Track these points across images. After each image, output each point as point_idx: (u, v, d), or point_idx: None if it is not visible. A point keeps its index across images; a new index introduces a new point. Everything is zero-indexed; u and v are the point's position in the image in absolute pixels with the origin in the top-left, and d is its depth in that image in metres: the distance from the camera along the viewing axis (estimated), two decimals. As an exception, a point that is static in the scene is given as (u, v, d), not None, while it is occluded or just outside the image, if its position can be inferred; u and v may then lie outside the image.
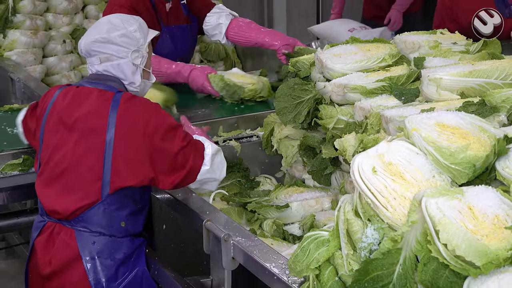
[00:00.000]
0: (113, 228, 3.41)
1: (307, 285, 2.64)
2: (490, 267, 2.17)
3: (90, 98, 3.42)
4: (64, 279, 3.43)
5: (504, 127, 2.85)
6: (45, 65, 6.41)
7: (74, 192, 3.38)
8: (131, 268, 3.47)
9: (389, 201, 2.52)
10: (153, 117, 3.32)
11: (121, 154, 3.30)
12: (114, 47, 3.43)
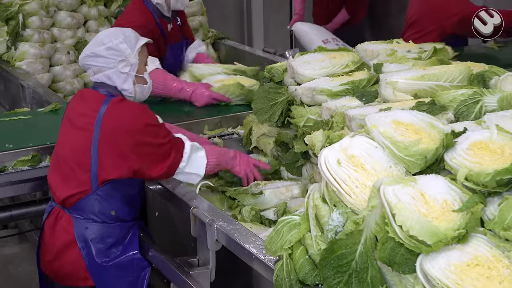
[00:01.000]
0: (104, 215, 3.41)
1: (281, 263, 2.63)
2: (440, 245, 2.18)
3: (88, 100, 3.46)
4: (63, 260, 3.45)
5: (451, 123, 2.86)
6: (51, 73, 6.38)
7: (69, 181, 3.41)
8: (123, 250, 3.46)
9: (352, 189, 2.53)
10: (137, 117, 3.33)
11: (105, 150, 3.30)
12: (102, 59, 3.42)
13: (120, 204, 3.45)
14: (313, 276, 2.55)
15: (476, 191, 2.36)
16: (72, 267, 3.44)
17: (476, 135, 2.58)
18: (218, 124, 4.35)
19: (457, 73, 3.38)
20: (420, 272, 2.20)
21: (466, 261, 2.17)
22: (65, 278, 3.51)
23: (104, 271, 3.42)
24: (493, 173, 2.33)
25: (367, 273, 2.36)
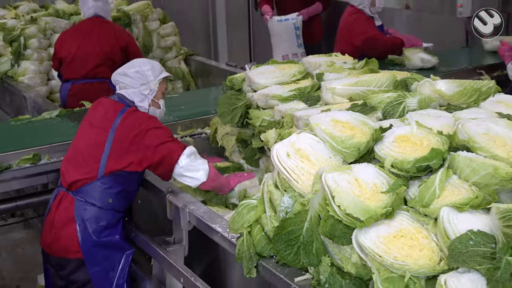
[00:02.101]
0: (102, 202, 3.39)
1: (242, 239, 2.64)
2: (371, 221, 2.20)
3: (109, 108, 3.51)
4: (61, 235, 3.44)
5: (380, 121, 2.88)
6: (49, 86, 6.36)
7: (80, 168, 3.43)
8: (111, 233, 3.44)
9: (299, 176, 2.54)
10: (144, 124, 3.38)
11: (116, 147, 3.36)
12: (129, 79, 3.54)
13: (118, 195, 3.43)
14: (268, 249, 2.56)
15: (400, 176, 2.39)
16: (67, 241, 3.42)
17: (400, 130, 2.61)
18: (189, 126, 4.34)
19: (384, 79, 3.41)
20: (356, 244, 2.21)
21: (392, 233, 2.19)
22: (59, 250, 3.49)
23: (93, 248, 3.40)
24: (414, 161, 2.36)
25: (312, 245, 2.38)
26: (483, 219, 2.11)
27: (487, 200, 2.18)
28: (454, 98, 3.17)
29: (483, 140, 2.46)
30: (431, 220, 2.22)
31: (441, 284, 1.95)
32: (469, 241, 2.00)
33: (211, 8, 9.79)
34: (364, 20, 5.66)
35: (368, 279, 2.25)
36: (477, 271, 1.95)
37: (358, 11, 5.78)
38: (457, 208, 2.16)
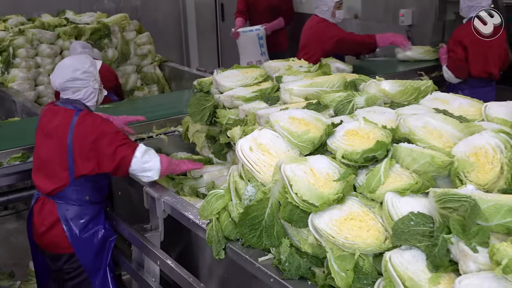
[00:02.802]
0: (80, 200, 3.36)
1: (211, 225, 2.63)
2: (325, 206, 2.21)
3: (60, 115, 3.35)
4: (51, 235, 3.40)
5: (332, 117, 2.89)
6: (36, 91, 6.26)
7: (52, 178, 3.34)
8: (96, 223, 3.41)
9: (261, 168, 2.54)
10: (99, 127, 3.24)
11: (77, 153, 3.24)
12: (80, 82, 3.37)
13: (92, 191, 3.39)
14: (235, 233, 2.55)
15: (349, 165, 2.40)
16: (58, 239, 3.38)
17: (349, 125, 2.62)
18: (163, 124, 4.30)
19: (336, 81, 3.42)
20: (311, 226, 2.23)
21: (343, 216, 2.20)
22: (52, 247, 3.46)
23: (81, 241, 3.37)
24: (362, 152, 2.38)
25: (273, 228, 2.39)
26: (422, 202, 2.13)
27: (426, 185, 2.21)
28: (397, 96, 3.19)
29: (421, 133, 2.49)
30: (377, 204, 2.24)
31: (386, 260, 1.96)
32: (410, 222, 2.03)
33: (182, 19, 9.74)
34: (333, 25, 5.67)
35: (323, 258, 2.26)
36: (418, 248, 1.98)
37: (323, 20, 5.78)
38: (400, 193, 2.18)
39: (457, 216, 1.89)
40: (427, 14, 6.27)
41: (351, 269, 2.08)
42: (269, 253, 2.45)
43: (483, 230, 1.84)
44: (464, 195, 1.94)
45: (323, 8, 5.70)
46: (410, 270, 1.90)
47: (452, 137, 2.46)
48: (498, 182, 2.14)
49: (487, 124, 2.65)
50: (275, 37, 7.03)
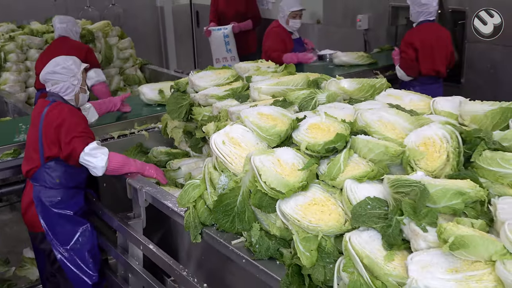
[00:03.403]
0: (51, 182, 3.35)
1: (189, 212, 2.62)
2: (290, 193, 2.21)
3: (38, 106, 3.42)
4: (28, 215, 3.45)
5: (296, 113, 2.89)
6: (27, 93, 6.18)
7: (29, 160, 3.40)
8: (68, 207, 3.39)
9: (233, 159, 2.54)
10: (63, 115, 3.27)
11: (45, 137, 3.29)
12: (58, 75, 3.38)
13: (64, 175, 3.36)
14: (210, 219, 2.54)
15: (312, 156, 2.40)
16: (33, 219, 3.40)
17: (312, 119, 2.63)
18: (144, 122, 4.25)
19: (300, 80, 3.42)
20: (279, 211, 2.23)
21: (307, 202, 2.21)
22: (31, 227, 3.49)
23: (52, 221, 3.36)
24: (323, 144, 2.38)
25: (245, 214, 2.38)
26: (378, 188, 2.15)
27: (381, 173, 2.23)
28: (355, 93, 3.21)
29: (377, 125, 2.50)
30: (338, 190, 2.25)
31: (346, 240, 1.97)
32: (367, 206, 2.04)
33: (161, 26, 9.68)
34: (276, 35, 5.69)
35: (289, 240, 2.27)
36: (374, 229, 1.99)
37: (279, 26, 5.79)
38: (357, 180, 2.20)
39: (408, 199, 1.90)
40: (381, 19, 6.30)
41: (315, 249, 2.08)
42: (241, 237, 2.44)
43: (431, 212, 1.87)
44: (415, 180, 1.97)
45: (280, 15, 5.73)
46: (367, 249, 1.91)
47: (404, 129, 2.48)
48: (445, 169, 2.17)
49: (435, 117, 2.68)
50: (245, 40, 7.04)
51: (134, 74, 6.73)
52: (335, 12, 6.83)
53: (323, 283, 2.05)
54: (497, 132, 2.34)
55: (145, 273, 3.15)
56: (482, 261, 1.70)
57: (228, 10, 7.10)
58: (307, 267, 2.07)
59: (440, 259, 1.74)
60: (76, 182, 3.45)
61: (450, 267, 1.72)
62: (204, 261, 2.85)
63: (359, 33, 6.51)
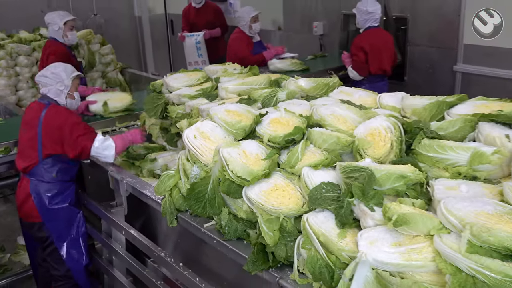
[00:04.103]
0: (48, 177, 3.29)
1: (165, 200, 2.59)
2: (255, 180, 2.21)
3: (34, 108, 3.33)
4: (25, 206, 3.35)
5: (259, 109, 2.88)
6: (17, 96, 6.02)
7: (25, 158, 3.30)
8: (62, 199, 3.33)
9: (204, 152, 2.52)
10: (63, 116, 3.22)
11: (45, 137, 3.21)
12: (47, 79, 3.32)
13: (60, 170, 3.30)
14: (184, 205, 2.52)
15: (274, 147, 2.40)
16: (30, 210, 3.32)
17: (273, 115, 2.62)
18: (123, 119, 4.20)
19: (262, 80, 3.41)
20: (245, 197, 2.22)
21: (270, 188, 2.20)
22: (26, 217, 3.40)
23: (48, 212, 3.29)
24: (283, 136, 2.38)
25: (215, 200, 2.37)
26: (331, 174, 2.15)
27: (334, 160, 2.23)
28: (311, 91, 3.22)
29: (330, 119, 2.51)
30: (296, 177, 2.25)
31: (304, 221, 1.97)
32: (322, 190, 2.04)
33: (139, 33, 9.56)
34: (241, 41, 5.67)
35: (255, 222, 2.26)
36: (329, 210, 1.99)
37: (241, 32, 5.76)
38: (313, 167, 2.20)
39: (358, 183, 1.91)
40: (334, 26, 6.33)
41: (277, 229, 2.08)
42: (212, 220, 2.43)
43: (378, 194, 1.88)
44: (363, 167, 1.98)
45: (242, 23, 5.71)
46: (323, 227, 1.92)
47: (354, 122, 2.50)
48: (389, 156, 2.18)
49: (381, 110, 2.70)
50: (215, 46, 7.02)
51: (116, 77, 6.61)
52: (294, 20, 6.84)
53: (285, 259, 2.06)
54: (434, 123, 2.38)
55: (128, 255, 3.12)
56: (422, 235, 1.72)
57: (198, 20, 7.08)
58: (270, 246, 2.07)
59: (385, 235, 1.75)
60: (70, 176, 3.41)
61: (394, 242, 1.73)
62: (180, 243, 2.83)
63: (315, 38, 6.53)
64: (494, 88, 4.70)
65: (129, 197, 3.11)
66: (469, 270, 1.55)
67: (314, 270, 1.86)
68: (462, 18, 4.90)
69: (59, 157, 3.26)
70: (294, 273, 1.99)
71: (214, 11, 7.12)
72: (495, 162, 2.00)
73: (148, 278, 2.88)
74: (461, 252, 1.57)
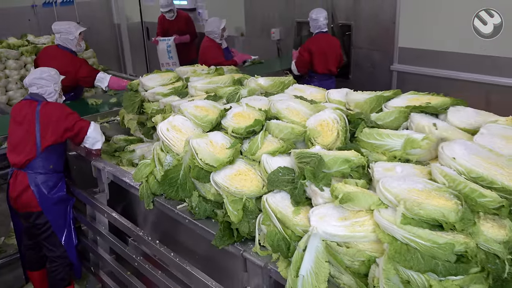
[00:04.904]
0: (45, 169, 3.14)
1: (143, 185, 2.54)
2: (221, 166, 2.19)
3: (27, 106, 3.16)
4: (24, 197, 3.16)
5: (224, 105, 2.84)
6: (7, 96, 5.77)
7: (22, 153, 3.12)
8: (59, 189, 3.21)
9: (175, 142, 2.47)
10: (60, 110, 3.11)
11: (43, 129, 3.07)
12: (44, 81, 3.19)
13: (55, 161, 3.18)
14: (159, 190, 2.48)
15: (237, 137, 2.38)
16: (28, 200, 3.16)
17: (236, 109, 2.60)
18: (105, 115, 4.09)
19: (227, 79, 3.38)
20: (212, 181, 2.20)
21: (234, 173, 2.19)
22: (25, 207, 3.22)
23: (48, 201, 3.16)
24: (245, 128, 2.36)
25: (186, 185, 2.34)
26: (287, 159, 2.16)
27: (289, 148, 2.24)
28: (269, 88, 3.21)
29: (286, 112, 2.51)
30: (257, 163, 2.24)
31: (264, 201, 1.97)
32: (279, 173, 2.04)
33: (118, 39, 9.36)
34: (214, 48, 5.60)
35: (221, 203, 2.25)
36: (285, 190, 1.99)
37: (211, 40, 5.68)
38: (271, 154, 2.19)
39: (309, 167, 1.92)
40: (289, 31, 6.33)
41: (241, 208, 2.07)
42: (184, 202, 2.40)
43: (326, 176, 1.89)
44: (314, 153, 1.98)
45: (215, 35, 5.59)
46: (280, 206, 1.92)
47: (305, 114, 2.50)
48: (336, 143, 2.20)
49: (329, 104, 2.72)
50: (187, 50, 6.95)
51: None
52: (255, 27, 6.81)
53: (248, 234, 2.05)
54: (374, 114, 2.40)
55: (110, 235, 3.06)
56: (364, 210, 1.74)
57: (171, 27, 7.00)
58: (235, 223, 2.07)
59: (333, 211, 1.77)
60: (62, 167, 3.29)
61: (340, 216, 1.75)
62: (157, 223, 2.79)
63: (273, 43, 6.52)
64: (424, 84, 4.80)
65: (110, 184, 3.04)
66: (403, 238, 1.57)
67: (273, 243, 1.86)
68: (397, 24, 4.97)
69: (53, 149, 3.13)
70: (256, 246, 1.99)
71: (185, 20, 7.06)
72: (424, 147, 2.04)
73: (129, 255, 2.83)
74: (396, 224, 1.60)
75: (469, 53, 4.43)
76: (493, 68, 4.29)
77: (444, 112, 2.33)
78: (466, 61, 4.46)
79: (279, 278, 1.85)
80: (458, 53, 4.51)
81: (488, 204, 1.63)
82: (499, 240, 1.60)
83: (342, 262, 1.68)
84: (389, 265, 1.56)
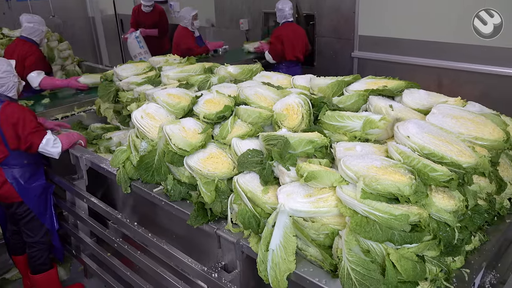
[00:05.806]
0: (21, 164, 3.02)
1: (120, 171, 2.50)
2: (193, 151, 2.17)
3: None
4: (3, 190, 3.03)
5: (196, 92, 2.80)
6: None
7: None
8: (36, 178, 3.10)
9: (150, 129, 2.43)
10: (18, 114, 2.87)
11: (6, 134, 2.87)
12: (4, 79, 2.95)
13: (28, 156, 3.03)
14: (136, 175, 2.44)
15: (208, 123, 2.35)
16: (8, 193, 3.04)
17: (207, 96, 2.57)
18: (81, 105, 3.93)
19: (198, 68, 3.33)
20: (186, 165, 2.17)
21: (206, 156, 2.17)
22: (5, 199, 3.10)
23: (26, 191, 3.06)
24: (215, 113, 2.34)
25: (161, 169, 2.30)
26: (255, 142, 2.15)
27: (257, 132, 2.23)
28: (238, 75, 3.18)
29: (254, 98, 2.49)
30: (227, 146, 2.23)
31: (234, 181, 1.96)
32: (248, 155, 2.04)
33: (94, 31, 9.08)
34: (187, 35, 5.51)
35: (195, 185, 2.23)
36: (254, 171, 1.99)
37: (184, 29, 5.58)
38: (241, 138, 2.18)
39: (276, 149, 1.92)
40: (257, 22, 6.27)
41: (213, 190, 2.06)
42: (160, 186, 2.37)
43: (292, 156, 1.90)
44: (280, 135, 1.98)
45: (185, 21, 5.55)
46: (250, 186, 1.92)
47: (273, 99, 2.49)
48: (301, 126, 2.20)
49: (294, 90, 2.70)
50: (161, 43, 6.81)
51: (74, 69, 6.21)
52: (224, 18, 6.71)
53: (221, 213, 2.05)
54: (335, 98, 2.42)
55: (91, 219, 3.00)
56: (327, 187, 1.76)
57: (145, 20, 6.82)
58: (209, 203, 2.06)
59: (299, 188, 1.78)
60: (39, 158, 3.15)
61: (306, 193, 1.76)
62: (134, 206, 2.76)
63: (242, 33, 6.45)
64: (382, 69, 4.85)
65: (89, 170, 2.97)
66: (364, 212, 1.60)
67: (244, 220, 1.86)
68: (356, 14, 4.98)
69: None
70: (229, 224, 1.99)
71: (159, 13, 6.88)
72: (381, 127, 2.07)
73: (109, 237, 2.78)
74: (357, 198, 1.62)
75: (424, 40, 4.49)
76: (443, 52, 4.37)
77: (399, 95, 2.36)
78: (421, 47, 4.52)
79: (250, 252, 1.86)
80: (412, 40, 4.57)
81: (439, 177, 1.67)
82: (449, 210, 1.65)
83: (308, 235, 1.70)
84: (351, 237, 1.58)
